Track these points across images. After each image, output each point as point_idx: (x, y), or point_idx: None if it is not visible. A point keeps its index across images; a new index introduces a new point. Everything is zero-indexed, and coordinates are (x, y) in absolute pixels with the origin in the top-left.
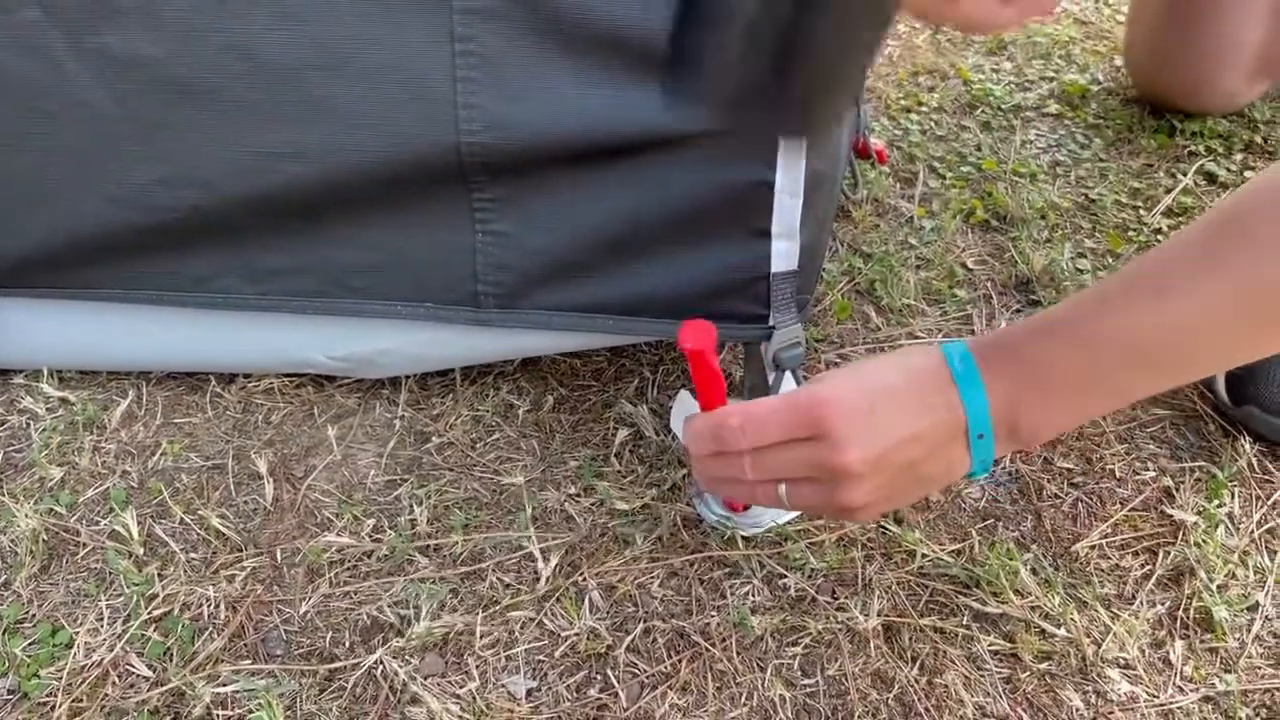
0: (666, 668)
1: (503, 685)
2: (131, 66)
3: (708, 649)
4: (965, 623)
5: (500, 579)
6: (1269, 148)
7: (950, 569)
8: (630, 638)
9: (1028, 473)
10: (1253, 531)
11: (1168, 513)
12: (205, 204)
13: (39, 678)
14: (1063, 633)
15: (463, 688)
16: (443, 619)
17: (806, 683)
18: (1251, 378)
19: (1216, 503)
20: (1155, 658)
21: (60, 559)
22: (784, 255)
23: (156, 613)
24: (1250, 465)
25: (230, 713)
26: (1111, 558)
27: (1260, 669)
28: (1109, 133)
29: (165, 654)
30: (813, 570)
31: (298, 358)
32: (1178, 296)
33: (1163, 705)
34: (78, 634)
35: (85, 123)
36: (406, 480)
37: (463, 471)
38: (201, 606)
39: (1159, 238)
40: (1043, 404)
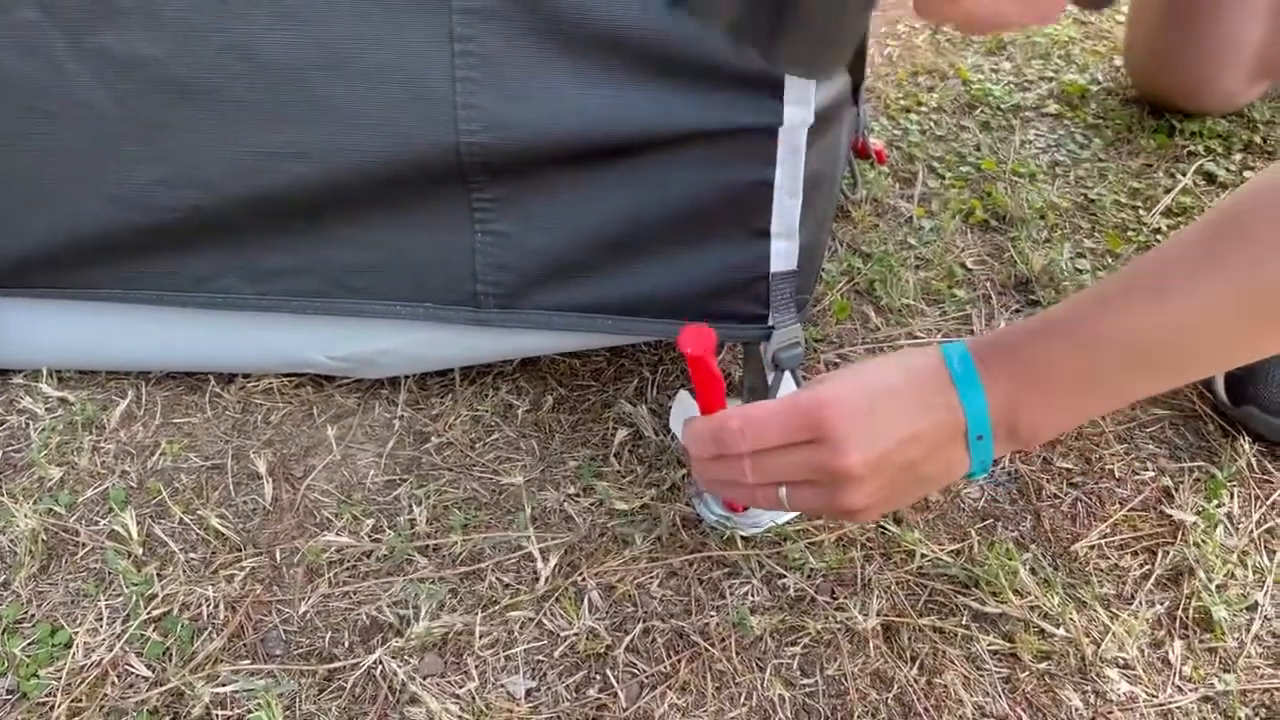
0: (666, 668)
1: (502, 685)
2: (131, 66)
3: (707, 649)
4: (964, 622)
5: (499, 579)
6: (1268, 148)
7: (949, 569)
8: (629, 638)
9: (1027, 473)
10: (1252, 531)
11: (1167, 513)
12: (205, 204)
13: (38, 678)
14: (1062, 632)
15: (462, 688)
16: (442, 619)
17: (806, 682)
18: (1251, 378)
19: (1216, 503)
20: (1154, 657)
21: (59, 559)
22: (783, 255)
23: (156, 613)
24: (1249, 465)
25: (229, 713)
26: (1111, 558)
27: (1259, 669)
28: (1108, 133)
29: (164, 654)
30: (812, 570)
31: (297, 358)
32: (1177, 296)
33: (1162, 705)
34: (77, 634)
35: (85, 123)
36: (406, 480)
37: (462, 471)
38: (201, 606)
39: (1158, 238)
40: (1042, 404)
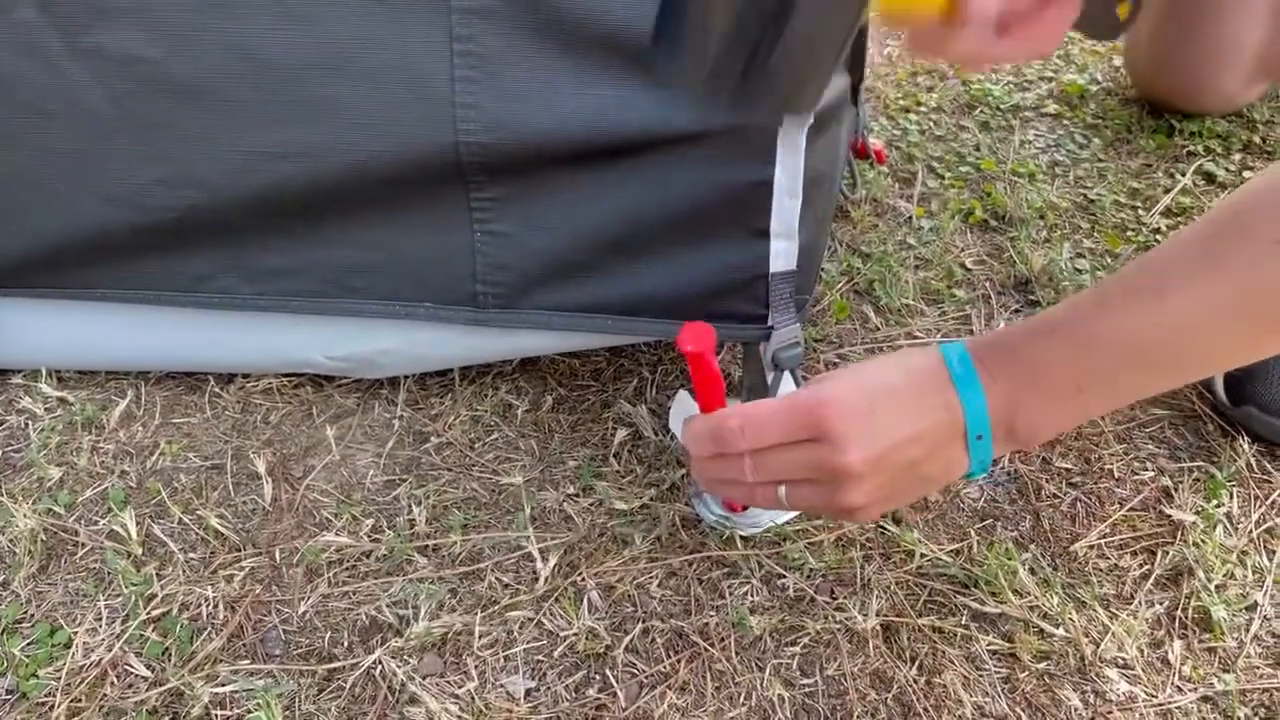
0: (665, 668)
1: (501, 685)
2: (129, 66)
3: (706, 649)
4: (964, 622)
5: (499, 579)
6: (1267, 148)
7: (949, 569)
8: (629, 638)
9: (1026, 472)
10: (1251, 531)
11: (1166, 513)
12: (204, 204)
13: (37, 678)
14: (1061, 632)
15: (461, 688)
16: (441, 619)
17: (805, 682)
18: (1250, 378)
19: (1215, 503)
20: (1154, 657)
21: (59, 559)
22: (783, 255)
23: (155, 613)
24: (1249, 465)
25: (229, 713)
26: (1110, 557)
27: (1259, 668)
28: (1108, 133)
29: (164, 654)
30: (811, 570)
31: (297, 358)
32: (1177, 297)
33: (1161, 705)
34: (76, 634)
35: (83, 122)
36: (405, 480)
37: (461, 471)
38: (200, 606)
39: (1158, 238)
40: (1041, 404)
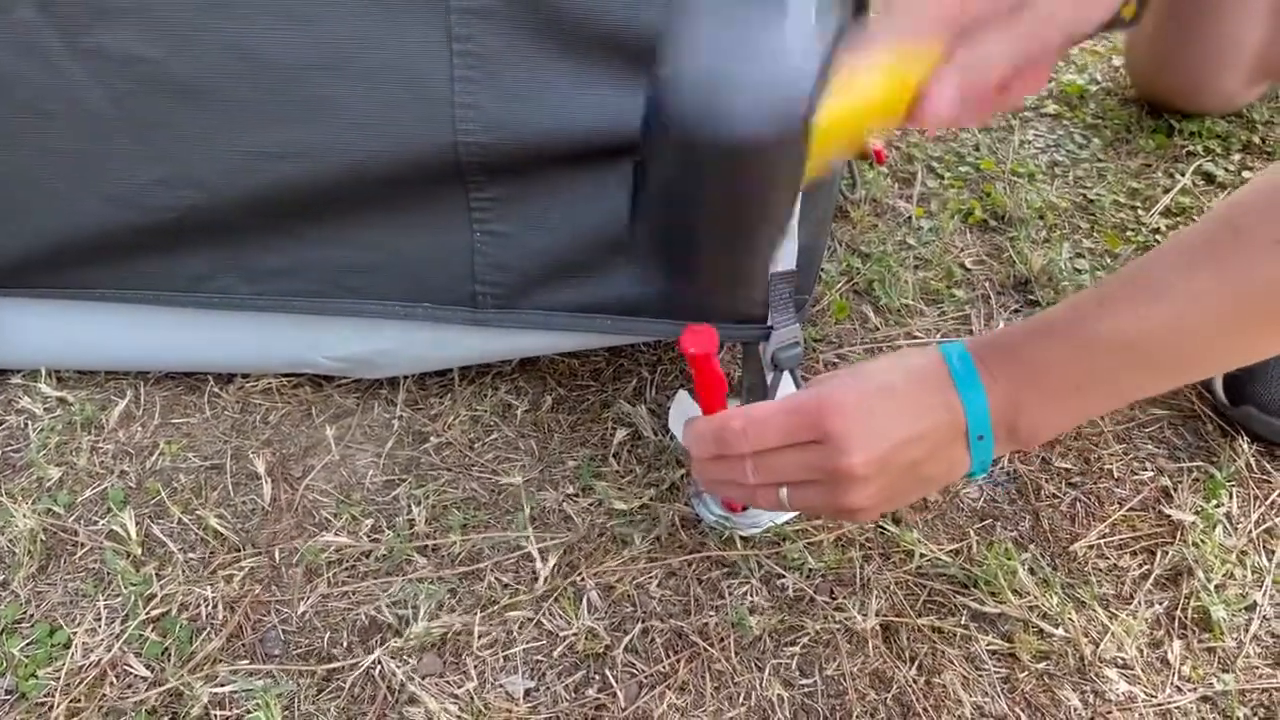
0: (665, 668)
1: (501, 685)
2: (128, 66)
3: (706, 649)
4: (963, 622)
5: (498, 579)
6: (1267, 148)
7: (948, 569)
8: (628, 638)
9: (1026, 472)
10: (1251, 531)
11: (1166, 513)
12: (203, 204)
13: (37, 678)
14: (1061, 632)
15: (461, 688)
16: (441, 619)
17: (805, 683)
18: (1250, 378)
19: (1214, 503)
20: (1153, 657)
21: (58, 559)
22: (782, 255)
23: (154, 613)
24: (1248, 465)
25: (228, 713)
26: (1109, 557)
27: (1258, 668)
28: (1107, 133)
29: (163, 654)
30: (811, 570)
31: (296, 358)
32: (1177, 297)
33: (1160, 705)
34: (75, 634)
35: (83, 122)
36: (405, 480)
37: (461, 471)
38: (199, 606)
39: (1157, 238)
40: (1041, 404)
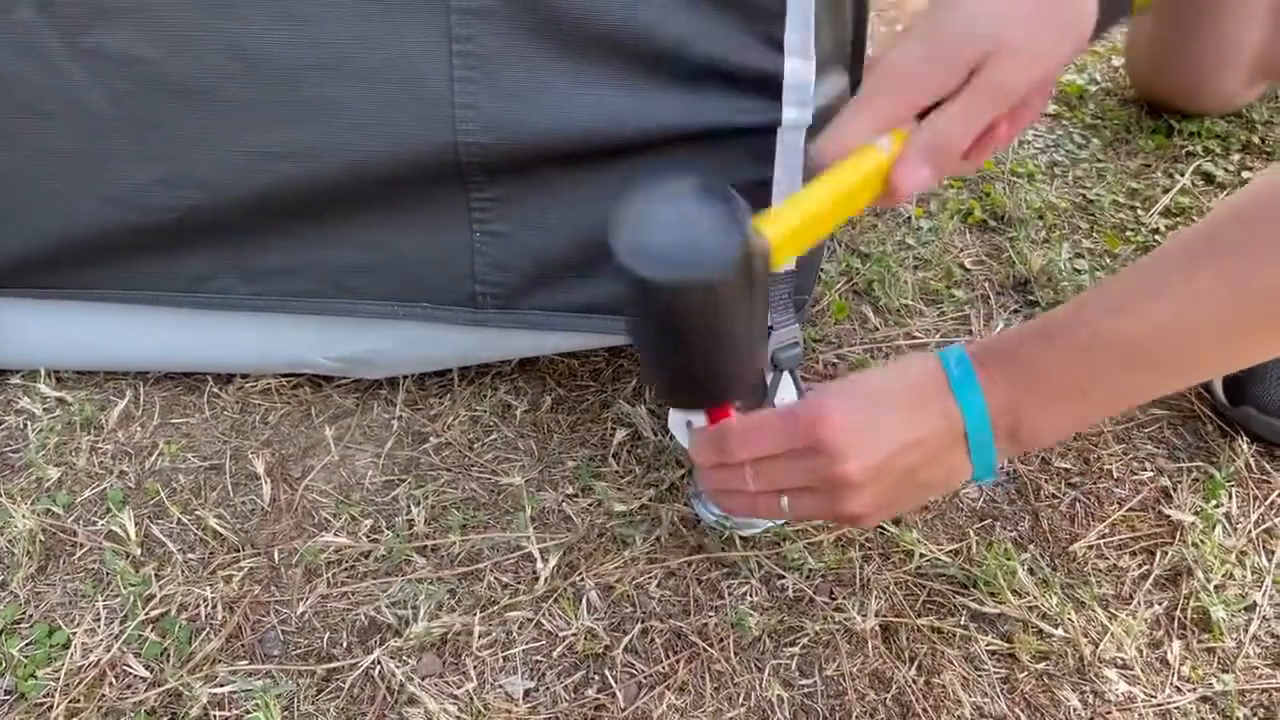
0: (664, 668)
1: (500, 685)
2: (127, 66)
3: (705, 649)
4: (963, 623)
5: (498, 579)
6: (1267, 148)
7: (948, 569)
8: (628, 638)
9: (1025, 473)
10: (1250, 532)
11: (1165, 513)
12: (202, 204)
13: (36, 678)
14: (1060, 633)
15: (460, 688)
16: (440, 619)
17: (804, 683)
18: (1249, 378)
19: (1214, 503)
20: (1153, 658)
21: (57, 559)
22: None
23: (154, 613)
24: (1248, 465)
25: (227, 713)
26: (1109, 558)
27: (1258, 669)
28: (1107, 133)
29: (162, 654)
30: (810, 571)
31: (295, 358)
32: (1177, 299)
33: (1160, 705)
34: (75, 634)
35: (82, 122)
36: (404, 480)
37: (460, 472)
38: (199, 607)
39: (1157, 238)
40: (1042, 407)
